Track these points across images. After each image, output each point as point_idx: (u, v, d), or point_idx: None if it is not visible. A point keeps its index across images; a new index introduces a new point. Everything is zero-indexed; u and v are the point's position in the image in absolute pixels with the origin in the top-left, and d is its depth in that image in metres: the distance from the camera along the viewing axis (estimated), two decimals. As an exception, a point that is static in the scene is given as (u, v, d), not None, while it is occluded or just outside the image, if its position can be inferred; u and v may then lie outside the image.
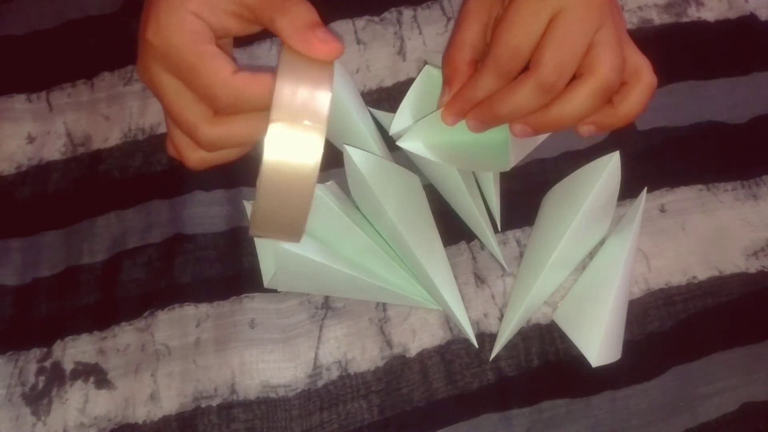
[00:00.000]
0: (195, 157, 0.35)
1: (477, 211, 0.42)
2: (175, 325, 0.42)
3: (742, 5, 0.52)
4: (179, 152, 0.35)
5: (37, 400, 0.41)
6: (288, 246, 0.38)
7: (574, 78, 0.36)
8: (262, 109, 0.31)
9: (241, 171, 0.46)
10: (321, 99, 0.30)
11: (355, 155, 0.40)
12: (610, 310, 0.39)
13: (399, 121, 0.42)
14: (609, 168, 0.40)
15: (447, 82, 0.39)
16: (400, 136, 0.41)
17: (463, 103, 0.38)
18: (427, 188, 0.45)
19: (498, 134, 0.40)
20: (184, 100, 0.33)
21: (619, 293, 0.40)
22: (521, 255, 0.44)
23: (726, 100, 0.49)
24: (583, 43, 0.35)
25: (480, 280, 0.43)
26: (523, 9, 0.35)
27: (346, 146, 0.40)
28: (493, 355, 0.41)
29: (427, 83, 0.42)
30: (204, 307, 0.43)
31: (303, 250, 0.39)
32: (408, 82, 0.48)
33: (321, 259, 0.39)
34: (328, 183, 0.42)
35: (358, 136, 0.44)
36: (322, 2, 0.35)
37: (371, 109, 0.48)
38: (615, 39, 0.36)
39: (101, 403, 0.41)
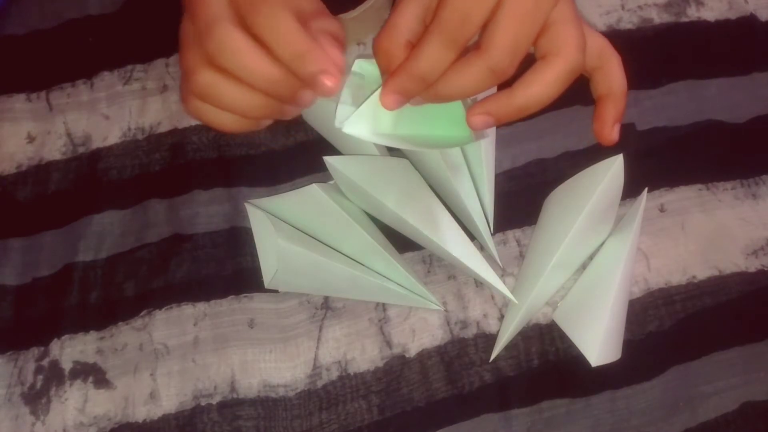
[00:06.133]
0: (190, 104, 0.34)
1: (471, 212, 0.42)
2: (173, 324, 0.42)
3: (742, 5, 0.52)
4: (181, 94, 0.35)
5: (36, 399, 0.41)
6: (290, 243, 0.38)
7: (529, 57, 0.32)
8: (245, 77, 0.31)
9: (240, 170, 0.46)
10: None
11: (338, 164, 0.39)
12: (610, 309, 0.39)
13: (342, 112, 0.36)
14: (612, 170, 0.40)
15: (385, 71, 0.33)
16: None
17: (403, 78, 0.31)
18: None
19: (453, 105, 0.35)
20: (192, 44, 0.33)
21: (619, 293, 0.40)
22: (521, 255, 0.44)
23: (726, 99, 0.49)
24: (539, 21, 0.30)
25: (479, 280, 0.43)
26: None
27: (325, 158, 0.39)
28: (493, 356, 0.41)
29: (360, 82, 0.37)
30: (201, 306, 0.43)
31: (305, 247, 0.39)
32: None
33: (322, 257, 0.39)
34: (329, 183, 0.42)
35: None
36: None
37: None
38: (574, 14, 0.32)
39: (101, 403, 0.41)
